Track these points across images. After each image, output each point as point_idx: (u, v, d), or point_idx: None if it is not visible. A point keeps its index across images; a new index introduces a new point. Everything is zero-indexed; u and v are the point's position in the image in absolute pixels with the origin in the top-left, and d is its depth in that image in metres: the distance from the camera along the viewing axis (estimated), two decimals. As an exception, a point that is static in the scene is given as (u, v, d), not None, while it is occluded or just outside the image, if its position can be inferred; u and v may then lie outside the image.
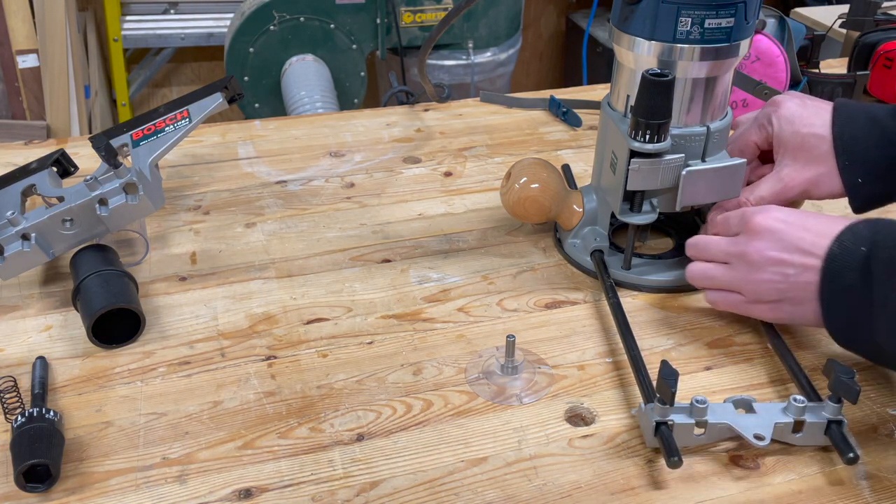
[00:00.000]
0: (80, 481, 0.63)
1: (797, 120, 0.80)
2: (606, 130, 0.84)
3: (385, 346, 0.77)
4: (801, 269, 0.69)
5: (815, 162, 0.80)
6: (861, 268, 0.66)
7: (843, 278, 0.67)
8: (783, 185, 0.81)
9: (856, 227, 0.68)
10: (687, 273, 0.78)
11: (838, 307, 0.68)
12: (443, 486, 0.63)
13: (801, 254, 0.69)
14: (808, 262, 0.69)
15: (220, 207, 0.99)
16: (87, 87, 2.58)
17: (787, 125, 0.81)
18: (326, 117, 1.23)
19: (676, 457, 0.61)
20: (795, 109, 0.81)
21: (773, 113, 0.82)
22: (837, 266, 0.67)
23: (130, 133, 0.91)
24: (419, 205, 1.00)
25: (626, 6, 0.76)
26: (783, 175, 0.81)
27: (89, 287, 0.76)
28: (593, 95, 1.26)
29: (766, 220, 0.72)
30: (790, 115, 0.81)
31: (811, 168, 0.80)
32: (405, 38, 2.29)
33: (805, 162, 0.80)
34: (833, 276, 0.68)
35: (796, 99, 0.82)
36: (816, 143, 0.79)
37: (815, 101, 0.82)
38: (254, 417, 0.69)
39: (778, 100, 0.83)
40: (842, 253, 0.67)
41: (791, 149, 0.81)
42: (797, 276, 0.70)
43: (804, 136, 0.80)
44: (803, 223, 0.71)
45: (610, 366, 0.75)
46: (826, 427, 0.65)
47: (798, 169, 0.80)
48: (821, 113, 0.80)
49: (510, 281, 0.86)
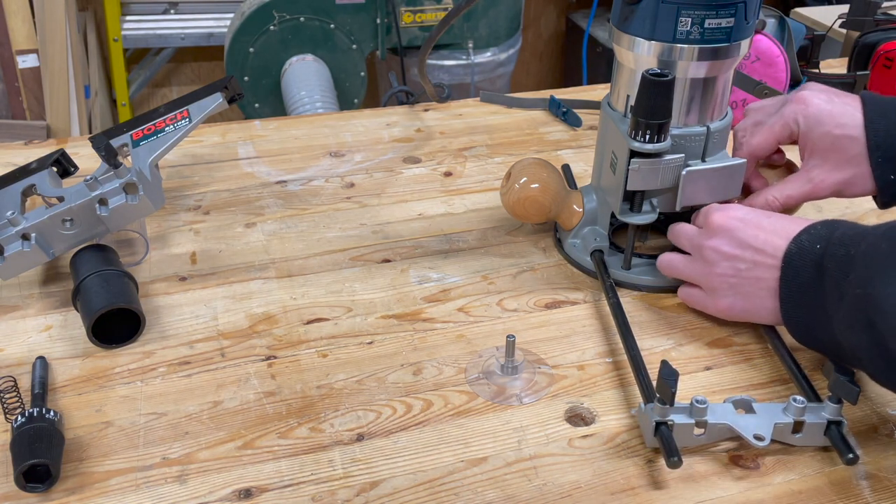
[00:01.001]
0: (80, 481, 0.63)
1: (827, 120, 0.79)
2: (606, 130, 0.84)
3: (385, 346, 0.77)
4: (751, 264, 0.71)
5: (847, 164, 0.79)
6: (816, 265, 0.67)
7: (800, 276, 0.68)
8: (812, 186, 0.80)
9: (813, 228, 0.70)
10: (657, 262, 0.81)
11: (795, 304, 0.69)
12: (443, 486, 0.63)
13: (753, 251, 0.71)
14: (758, 259, 0.71)
15: (220, 207, 0.99)
16: (87, 87, 2.58)
17: (817, 125, 0.79)
18: (326, 117, 1.23)
19: (676, 457, 0.61)
20: (824, 107, 0.79)
21: (800, 112, 0.80)
22: (795, 264, 0.69)
23: (130, 133, 0.91)
24: (419, 205, 1.00)
25: (626, 6, 0.76)
26: (813, 176, 0.80)
27: (89, 287, 0.76)
28: (593, 95, 1.26)
29: (722, 218, 0.74)
30: (819, 115, 0.79)
31: (843, 170, 0.79)
32: (405, 38, 2.29)
33: (836, 163, 0.79)
34: (790, 274, 0.69)
35: (822, 95, 0.80)
36: (849, 144, 0.78)
37: (840, 97, 0.80)
38: (254, 417, 0.69)
39: (804, 97, 0.81)
40: (799, 252, 0.69)
41: (821, 150, 0.79)
42: (748, 272, 0.72)
43: (836, 138, 0.78)
44: (758, 222, 0.73)
45: (610, 366, 0.75)
46: (826, 428, 0.65)
47: (829, 170, 0.80)
48: (849, 110, 0.79)
49: (510, 281, 0.86)
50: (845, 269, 0.64)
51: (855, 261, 0.64)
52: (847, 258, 0.64)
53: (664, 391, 0.63)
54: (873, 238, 0.63)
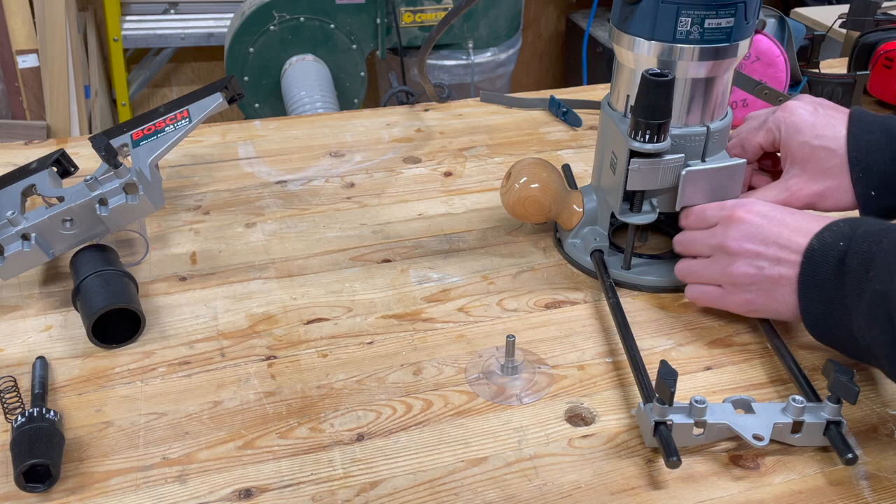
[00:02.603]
0: (80, 481, 0.63)
1: (807, 130, 0.80)
2: (606, 130, 0.84)
3: (385, 346, 0.77)
4: (774, 261, 0.71)
5: (824, 175, 0.79)
6: (838, 262, 0.67)
7: (821, 272, 0.68)
8: (789, 195, 0.81)
9: (836, 225, 0.70)
10: (675, 269, 0.80)
11: (815, 300, 0.69)
12: (443, 486, 0.63)
13: (777, 247, 0.71)
14: (782, 256, 0.71)
15: (220, 207, 0.99)
16: (87, 87, 2.58)
17: (796, 134, 0.80)
18: (326, 117, 1.23)
19: (675, 457, 0.61)
20: (806, 118, 0.80)
21: (783, 119, 0.81)
22: (817, 260, 0.69)
23: (130, 133, 0.91)
24: (419, 205, 1.00)
25: (626, 6, 0.76)
26: (790, 185, 0.81)
27: (89, 287, 0.76)
28: (593, 95, 1.26)
29: (746, 213, 0.74)
30: (799, 124, 0.80)
31: (820, 181, 0.80)
32: (405, 38, 2.29)
33: (813, 174, 0.80)
34: (811, 270, 0.69)
35: (809, 106, 0.81)
36: (826, 156, 0.79)
37: (827, 109, 0.81)
38: (254, 417, 0.69)
39: (790, 105, 0.82)
40: (822, 248, 0.69)
41: (799, 160, 0.80)
42: (770, 269, 0.72)
43: (814, 149, 0.79)
44: (783, 219, 0.72)
45: (610, 366, 0.75)
46: (825, 428, 0.65)
47: (806, 180, 0.80)
48: (832, 123, 0.79)
49: (510, 281, 0.86)
50: (867, 266, 0.64)
51: (876, 258, 0.64)
52: (868, 255, 0.65)
53: (663, 391, 0.63)
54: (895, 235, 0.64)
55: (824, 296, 0.68)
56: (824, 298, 0.68)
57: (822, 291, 0.69)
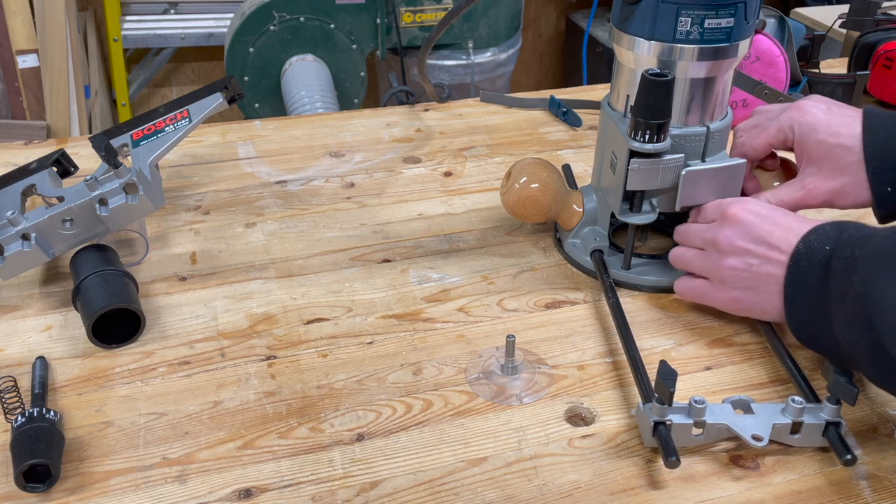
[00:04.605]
0: (80, 481, 0.63)
1: (822, 128, 0.80)
2: (606, 130, 0.84)
3: (385, 346, 0.77)
4: (763, 260, 0.72)
5: (840, 172, 0.79)
6: (824, 266, 0.67)
7: (806, 276, 0.69)
8: (805, 193, 0.81)
9: (822, 228, 0.70)
10: (670, 254, 0.81)
11: (799, 304, 0.70)
12: (443, 486, 0.63)
13: (767, 247, 0.72)
14: (771, 255, 0.71)
15: (220, 207, 0.99)
16: (87, 87, 2.58)
17: (812, 133, 0.80)
18: (326, 117, 1.23)
19: (674, 457, 0.61)
20: (821, 117, 0.80)
21: (796, 119, 0.81)
22: (802, 264, 0.69)
23: (130, 133, 0.91)
24: (419, 205, 1.00)
25: (626, 6, 0.76)
26: (807, 183, 0.81)
27: (89, 287, 0.77)
28: (593, 95, 1.26)
29: (740, 211, 0.75)
30: (815, 123, 0.80)
31: (836, 178, 0.80)
32: (405, 38, 2.29)
33: (830, 172, 0.80)
34: (797, 273, 0.69)
35: (822, 105, 0.81)
36: (842, 153, 0.79)
37: (840, 108, 0.81)
38: (254, 417, 0.69)
39: (803, 105, 0.82)
40: (807, 251, 0.69)
41: (815, 158, 0.80)
42: (759, 267, 0.72)
43: (830, 146, 0.79)
44: (775, 219, 0.73)
45: (610, 366, 0.75)
46: (824, 429, 0.65)
47: (822, 178, 0.80)
48: (847, 121, 0.79)
49: (510, 281, 0.86)
50: (850, 271, 0.64)
51: (858, 262, 0.64)
52: (852, 260, 0.65)
53: (662, 391, 0.63)
54: (878, 239, 0.64)
55: (809, 300, 0.69)
56: (809, 303, 0.69)
57: (807, 296, 0.69)
